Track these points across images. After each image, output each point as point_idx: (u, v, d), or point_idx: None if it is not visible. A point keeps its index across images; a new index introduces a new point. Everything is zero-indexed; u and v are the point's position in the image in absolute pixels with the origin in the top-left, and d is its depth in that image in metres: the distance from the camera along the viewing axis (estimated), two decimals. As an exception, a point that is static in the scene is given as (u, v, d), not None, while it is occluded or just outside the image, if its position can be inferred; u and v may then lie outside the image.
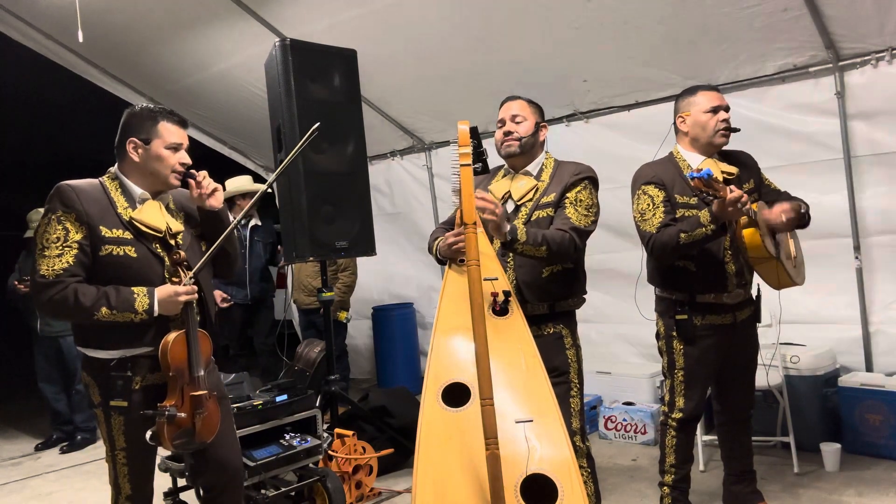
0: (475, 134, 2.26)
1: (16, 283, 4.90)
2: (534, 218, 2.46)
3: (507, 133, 2.53)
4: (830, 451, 3.43)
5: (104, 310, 2.05)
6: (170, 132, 2.24)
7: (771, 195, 2.79)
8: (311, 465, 3.14)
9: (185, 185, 2.29)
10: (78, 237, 2.08)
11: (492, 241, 2.44)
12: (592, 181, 2.53)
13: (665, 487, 2.80)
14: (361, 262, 5.88)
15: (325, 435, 3.29)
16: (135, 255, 2.15)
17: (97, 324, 2.09)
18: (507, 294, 2.22)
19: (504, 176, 2.63)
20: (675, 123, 2.79)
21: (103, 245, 2.11)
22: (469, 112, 4.72)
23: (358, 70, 3.78)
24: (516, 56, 4.43)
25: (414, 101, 5.32)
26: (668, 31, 3.92)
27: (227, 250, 2.38)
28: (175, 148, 2.24)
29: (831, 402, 3.69)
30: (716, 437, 3.59)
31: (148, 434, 2.15)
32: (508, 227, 2.25)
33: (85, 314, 2.05)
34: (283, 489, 3.03)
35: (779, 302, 3.39)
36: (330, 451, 3.33)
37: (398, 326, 6.12)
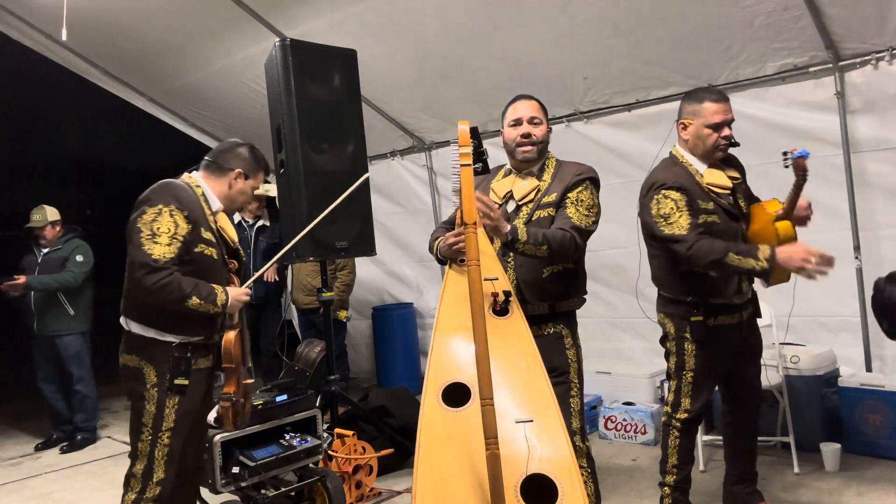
0: (475, 134, 2.26)
1: (16, 278, 4.77)
2: (535, 218, 2.46)
3: (526, 135, 2.50)
4: (830, 451, 3.43)
5: (195, 299, 2.30)
6: (259, 181, 2.65)
7: (752, 199, 2.84)
8: (311, 465, 3.14)
9: None
10: (183, 232, 2.33)
11: (492, 241, 2.44)
12: (594, 181, 2.53)
13: (666, 488, 2.80)
14: (362, 261, 5.88)
15: (325, 435, 3.29)
16: (215, 258, 2.45)
17: (182, 311, 2.31)
18: (507, 294, 2.22)
19: (506, 175, 2.63)
20: (676, 124, 2.76)
21: (199, 243, 2.38)
22: (469, 112, 4.74)
23: (358, 70, 3.78)
24: (517, 55, 4.43)
25: (414, 101, 5.32)
26: (669, 31, 3.92)
27: None
28: (253, 193, 2.68)
29: (831, 402, 3.69)
30: (715, 437, 3.60)
31: (212, 416, 2.49)
32: (509, 227, 2.25)
33: (181, 301, 2.28)
34: (283, 489, 3.03)
35: (778, 302, 3.39)
36: (330, 451, 3.32)
37: (398, 326, 6.12)
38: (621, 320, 4.84)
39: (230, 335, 2.43)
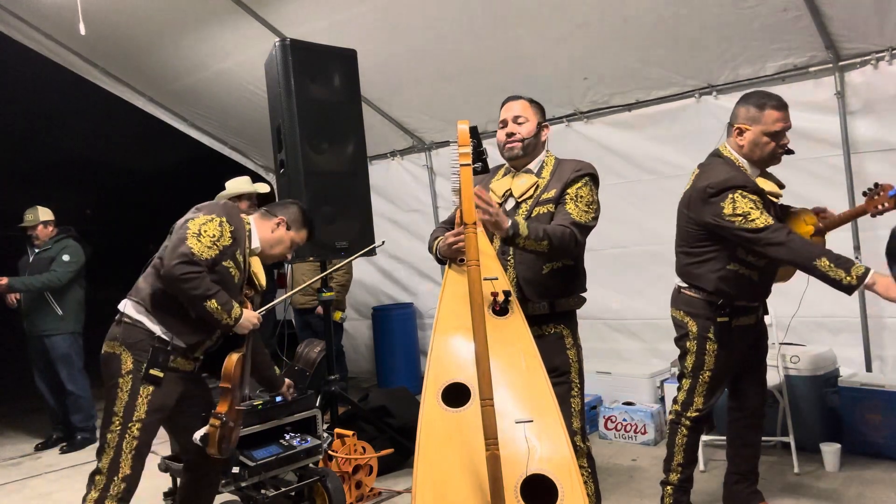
0: (475, 133, 2.25)
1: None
2: (534, 214, 2.46)
3: (510, 134, 2.51)
4: (830, 451, 3.43)
5: (214, 301, 2.41)
6: (301, 237, 2.86)
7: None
8: (311, 465, 3.14)
9: None
10: (225, 243, 2.52)
11: (492, 240, 2.44)
12: (593, 178, 2.52)
13: (669, 487, 2.80)
14: (361, 261, 5.87)
15: (325, 435, 3.28)
16: (236, 281, 2.60)
17: (195, 310, 2.42)
18: (507, 294, 2.22)
19: (505, 174, 2.63)
20: (730, 126, 2.69)
21: (229, 259, 2.56)
22: (469, 111, 4.73)
23: (358, 70, 3.78)
24: (517, 55, 4.43)
25: (414, 101, 5.31)
26: (669, 31, 3.92)
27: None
28: (294, 246, 2.87)
29: (831, 402, 3.69)
30: (716, 437, 3.60)
31: (198, 435, 2.48)
32: (509, 223, 2.25)
33: (201, 299, 2.39)
34: (283, 489, 3.03)
35: (780, 303, 3.38)
36: (330, 451, 3.32)
37: (398, 326, 6.12)
38: (620, 321, 4.84)
39: (233, 357, 2.53)
